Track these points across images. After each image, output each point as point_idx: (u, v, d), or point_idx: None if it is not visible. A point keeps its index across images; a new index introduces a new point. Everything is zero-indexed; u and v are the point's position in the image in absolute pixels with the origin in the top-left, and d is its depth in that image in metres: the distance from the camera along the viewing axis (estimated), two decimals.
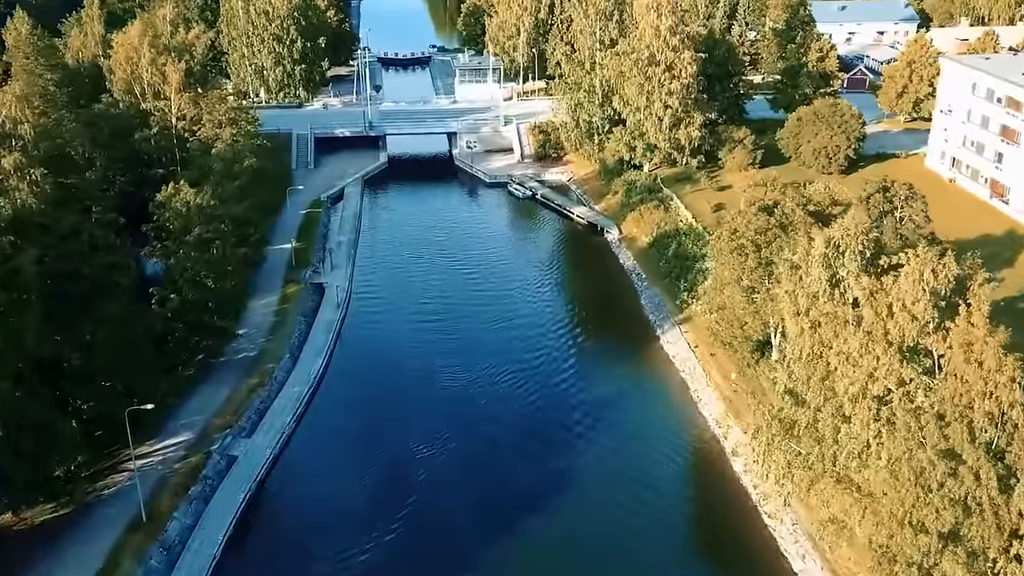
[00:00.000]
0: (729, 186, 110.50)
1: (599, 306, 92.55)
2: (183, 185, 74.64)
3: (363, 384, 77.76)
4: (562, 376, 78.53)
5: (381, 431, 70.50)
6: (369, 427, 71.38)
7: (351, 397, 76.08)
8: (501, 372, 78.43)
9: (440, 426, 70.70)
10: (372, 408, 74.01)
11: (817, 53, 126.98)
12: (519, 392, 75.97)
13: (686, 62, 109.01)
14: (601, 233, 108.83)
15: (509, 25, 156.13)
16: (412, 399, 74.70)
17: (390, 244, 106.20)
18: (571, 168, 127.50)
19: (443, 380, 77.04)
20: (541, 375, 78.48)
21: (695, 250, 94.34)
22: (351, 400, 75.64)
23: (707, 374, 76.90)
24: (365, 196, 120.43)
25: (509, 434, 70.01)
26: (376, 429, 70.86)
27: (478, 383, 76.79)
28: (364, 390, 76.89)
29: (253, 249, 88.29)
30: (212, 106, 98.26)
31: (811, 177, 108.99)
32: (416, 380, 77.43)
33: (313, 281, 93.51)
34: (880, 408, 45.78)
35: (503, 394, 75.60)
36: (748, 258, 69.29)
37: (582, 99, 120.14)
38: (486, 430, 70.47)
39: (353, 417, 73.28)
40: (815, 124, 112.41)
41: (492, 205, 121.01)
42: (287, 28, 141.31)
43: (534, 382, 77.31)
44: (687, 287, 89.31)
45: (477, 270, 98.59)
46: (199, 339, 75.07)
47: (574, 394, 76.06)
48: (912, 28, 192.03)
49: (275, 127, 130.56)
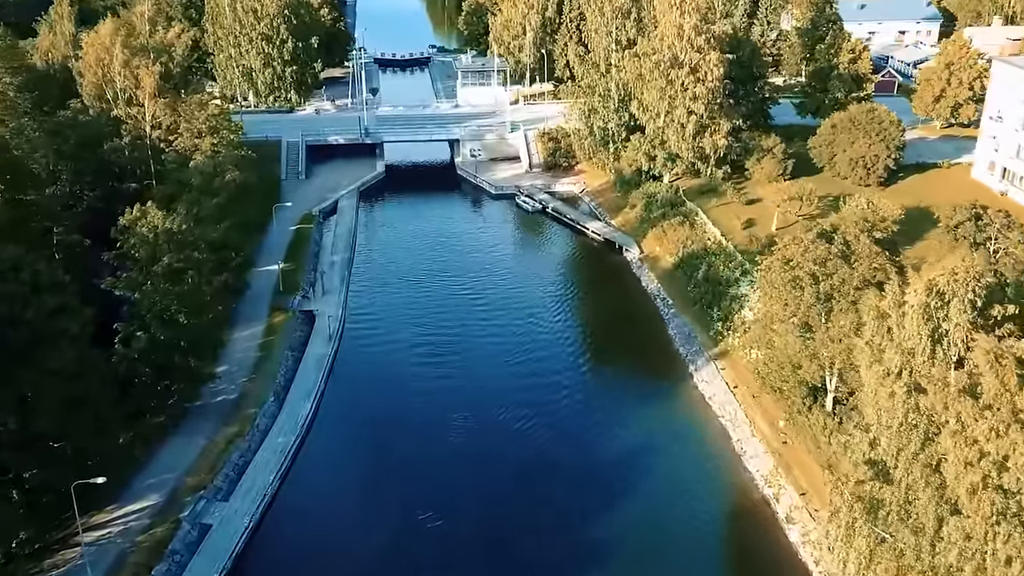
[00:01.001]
0: (758, 199, 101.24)
1: (622, 337, 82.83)
2: (150, 207, 64.89)
3: (358, 433, 68.06)
4: (584, 423, 68.86)
5: (380, 493, 60.80)
6: (365, 488, 61.73)
7: (344, 449, 66.47)
8: (515, 418, 68.80)
9: (450, 485, 61.09)
10: (368, 463, 64.39)
11: (849, 54, 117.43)
12: (534, 444, 66.32)
13: (712, 64, 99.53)
14: (619, 251, 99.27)
15: (515, 24, 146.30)
16: (415, 453, 64.92)
17: (388, 265, 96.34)
18: (584, 179, 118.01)
19: (451, 429, 67.36)
20: (560, 422, 68.86)
21: (727, 273, 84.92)
22: (344, 453, 66.05)
23: (751, 421, 67.34)
24: (360, 210, 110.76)
25: (525, 499, 60.24)
26: (373, 491, 61.18)
27: (490, 433, 67.15)
28: (359, 441, 67.24)
29: (234, 275, 78.69)
30: (191, 113, 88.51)
31: (847, 189, 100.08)
32: (419, 428, 67.77)
33: (302, 309, 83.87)
34: (1010, 504, 36.25)
35: (518, 447, 65.96)
36: (804, 292, 59.84)
37: (596, 104, 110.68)
38: (499, 490, 60.91)
39: (346, 475, 63.68)
40: (851, 131, 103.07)
41: (498, 219, 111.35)
42: (277, 27, 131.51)
43: (552, 431, 67.68)
44: (721, 316, 79.84)
45: (484, 295, 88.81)
46: (170, 383, 65.40)
47: (600, 445, 66.36)
48: (935, 27, 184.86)
49: (263, 134, 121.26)
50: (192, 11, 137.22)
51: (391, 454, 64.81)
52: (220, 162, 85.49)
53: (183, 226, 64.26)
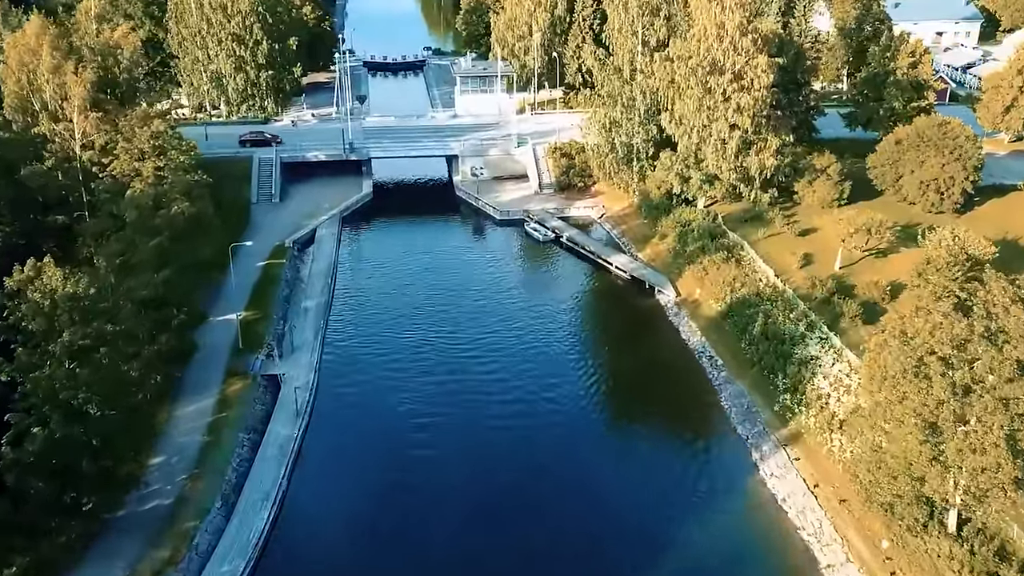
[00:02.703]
0: (814, 229, 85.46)
1: (663, 410, 66.51)
2: (47, 264, 48.52)
3: (331, 555, 51.83)
4: (624, 532, 52.83)
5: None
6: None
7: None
8: (534, 531, 52.71)
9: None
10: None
11: (908, 57, 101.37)
12: (560, 570, 50.34)
13: (760, 70, 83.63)
14: (651, 292, 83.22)
15: (520, 22, 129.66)
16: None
17: (373, 312, 79.73)
18: (602, 201, 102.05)
19: (456, 546, 51.26)
20: (589, 536, 52.76)
21: (790, 327, 69.04)
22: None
23: (843, 539, 51.33)
24: (343, 240, 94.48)
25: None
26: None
27: (505, 556, 51.02)
28: (333, 566, 51.04)
29: (177, 336, 62.39)
30: (130, 130, 72.21)
31: (916, 217, 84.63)
32: (413, 548, 51.61)
33: (265, 373, 67.74)
34: None
35: (540, 571, 50.01)
36: (933, 383, 43.84)
37: (619, 115, 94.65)
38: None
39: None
40: (919, 149, 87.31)
41: (505, 251, 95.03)
42: (249, 26, 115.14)
43: (580, 548, 51.62)
44: (788, 386, 63.91)
45: (491, 354, 72.13)
46: (78, 494, 49.22)
47: (646, 568, 50.40)
48: (975, 28, 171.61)
49: (233, 149, 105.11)
50: (154, 7, 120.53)
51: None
52: (165, 191, 69.22)
53: (92, 289, 47.80)
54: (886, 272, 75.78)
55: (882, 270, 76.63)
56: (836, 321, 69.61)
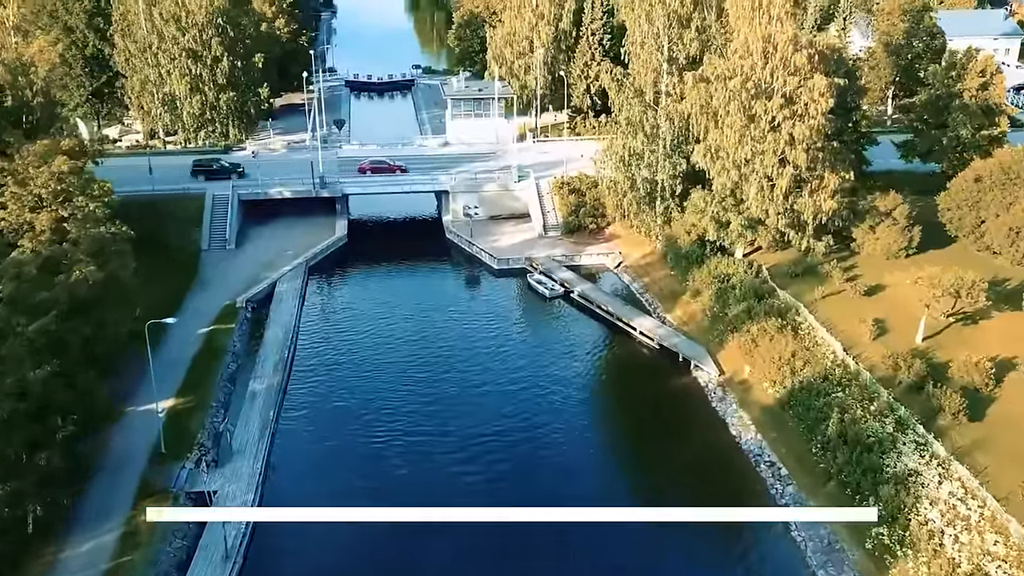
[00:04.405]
0: (881, 287, 70.26)
1: (712, 541, 50.03)
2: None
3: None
4: None
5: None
6: None
7: None
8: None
9: None
10: None
11: (978, 77, 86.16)
12: None
13: (817, 92, 68.31)
14: (686, 367, 67.33)
15: (520, 38, 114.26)
16: None
17: (339, 399, 63.09)
18: (618, 247, 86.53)
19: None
20: None
21: (875, 425, 53.32)
22: None
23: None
24: (308, 296, 78.54)
25: None
26: None
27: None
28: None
29: (63, 452, 46.25)
30: (25, 170, 56.29)
31: (1001, 270, 69.78)
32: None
33: (192, 490, 51.59)
34: None
35: None
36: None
37: (641, 146, 79.18)
38: None
39: None
40: (1005, 188, 72.37)
41: (504, 310, 78.91)
42: (207, 41, 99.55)
43: None
44: (884, 514, 47.97)
45: (492, 467, 55.36)
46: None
47: None
48: (1015, 45, 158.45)
49: (183, 186, 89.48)
50: (99, 19, 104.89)
51: None
52: (66, 250, 53.29)
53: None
54: (979, 344, 60.47)
55: (974, 341, 61.27)
56: (933, 418, 54.01)
